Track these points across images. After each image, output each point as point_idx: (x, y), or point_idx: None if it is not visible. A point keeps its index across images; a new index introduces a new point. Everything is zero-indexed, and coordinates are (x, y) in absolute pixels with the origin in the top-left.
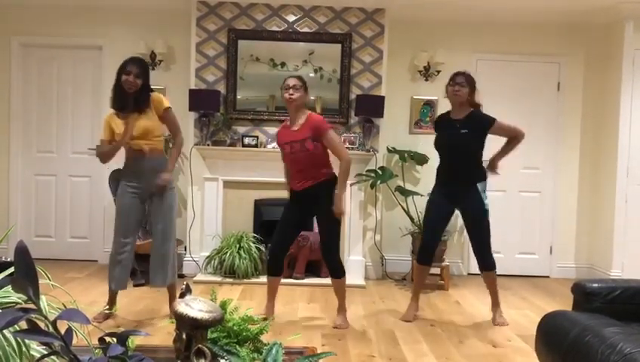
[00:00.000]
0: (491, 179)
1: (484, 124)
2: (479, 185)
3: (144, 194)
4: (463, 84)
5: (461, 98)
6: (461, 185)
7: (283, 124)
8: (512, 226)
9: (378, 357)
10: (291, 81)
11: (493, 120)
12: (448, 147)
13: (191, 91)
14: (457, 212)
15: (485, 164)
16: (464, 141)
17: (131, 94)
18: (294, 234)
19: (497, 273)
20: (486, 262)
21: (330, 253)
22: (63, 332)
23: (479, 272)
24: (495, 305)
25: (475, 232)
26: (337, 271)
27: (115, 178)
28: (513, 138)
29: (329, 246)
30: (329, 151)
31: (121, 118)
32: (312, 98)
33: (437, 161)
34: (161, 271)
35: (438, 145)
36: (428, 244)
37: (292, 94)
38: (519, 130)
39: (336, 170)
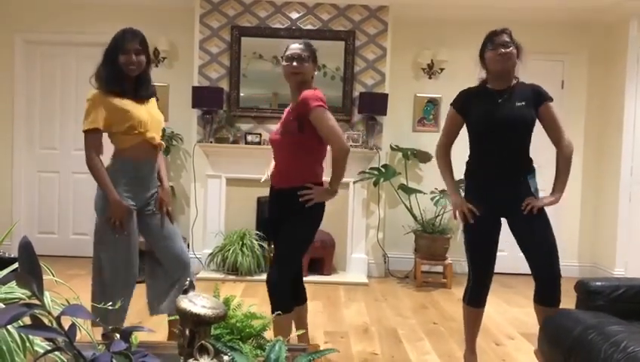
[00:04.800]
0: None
1: (540, 98)
2: (531, 184)
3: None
4: (508, 44)
5: (512, 61)
6: (512, 181)
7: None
8: None
9: (380, 355)
10: (296, 49)
11: (550, 97)
12: (506, 124)
13: (194, 88)
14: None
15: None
16: (523, 116)
17: (133, 77)
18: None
19: (501, 271)
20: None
21: (275, 275)
22: (66, 327)
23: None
24: None
25: (542, 248)
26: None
27: None
28: (559, 143)
29: (278, 265)
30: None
31: (134, 101)
32: None
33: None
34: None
35: (481, 123)
36: (482, 281)
37: (295, 67)
38: (567, 138)
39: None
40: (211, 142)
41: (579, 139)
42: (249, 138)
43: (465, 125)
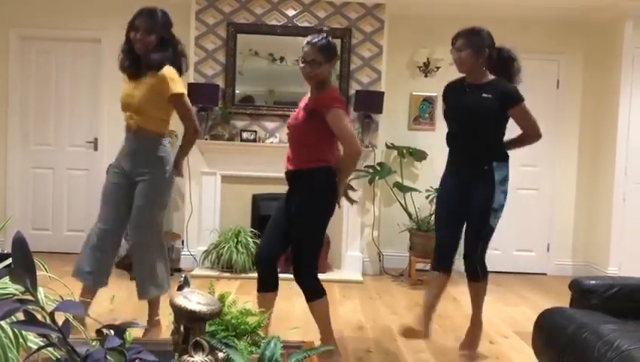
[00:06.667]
0: None
1: (510, 98)
2: (497, 173)
3: (129, 178)
4: (463, 47)
5: (464, 66)
6: (473, 165)
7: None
8: (510, 223)
9: (375, 352)
10: (309, 55)
11: (521, 99)
12: (466, 112)
13: (189, 85)
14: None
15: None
16: (485, 106)
17: (142, 55)
18: (282, 237)
19: (496, 270)
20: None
21: (300, 272)
22: (60, 323)
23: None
24: (473, 323)
25: (471, 230)
26: (317, 292)
27: None
28: (526, 136)
29: (297, 263)
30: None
31: (131, 82)
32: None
33: (438, 152)
34: (139, 280)
35: (449, 111)
36: (446, 245)
37: (309, 72)
38: (537, 129)
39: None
40: (206, 139)
41: (573, 138)
42: (244, 135)
43: None
